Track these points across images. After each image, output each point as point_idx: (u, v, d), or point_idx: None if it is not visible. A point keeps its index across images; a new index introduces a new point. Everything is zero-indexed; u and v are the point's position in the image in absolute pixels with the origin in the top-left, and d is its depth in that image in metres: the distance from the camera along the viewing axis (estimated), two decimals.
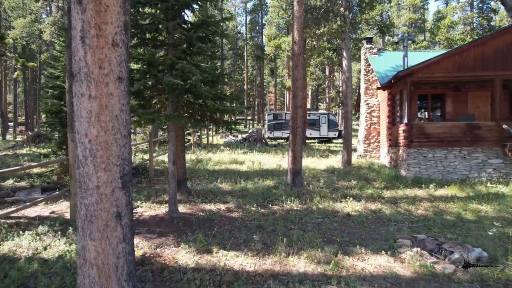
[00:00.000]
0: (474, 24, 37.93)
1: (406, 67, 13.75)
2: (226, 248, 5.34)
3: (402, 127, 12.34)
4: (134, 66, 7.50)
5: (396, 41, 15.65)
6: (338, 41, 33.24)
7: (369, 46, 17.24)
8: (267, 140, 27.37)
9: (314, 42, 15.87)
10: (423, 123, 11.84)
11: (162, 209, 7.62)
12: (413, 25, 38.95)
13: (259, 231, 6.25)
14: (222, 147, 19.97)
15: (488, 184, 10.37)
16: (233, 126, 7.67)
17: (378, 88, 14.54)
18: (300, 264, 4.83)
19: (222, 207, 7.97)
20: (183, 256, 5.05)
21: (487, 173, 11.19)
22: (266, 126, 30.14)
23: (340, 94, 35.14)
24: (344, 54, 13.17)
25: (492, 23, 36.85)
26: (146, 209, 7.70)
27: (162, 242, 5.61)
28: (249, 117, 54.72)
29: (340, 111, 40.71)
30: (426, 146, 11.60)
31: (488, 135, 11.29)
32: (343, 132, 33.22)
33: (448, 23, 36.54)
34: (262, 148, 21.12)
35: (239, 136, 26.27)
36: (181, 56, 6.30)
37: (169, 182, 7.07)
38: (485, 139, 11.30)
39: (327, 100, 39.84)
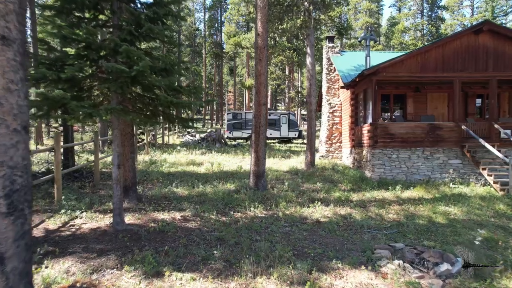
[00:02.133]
0: (424, 31, 39.89)
1: (368, 67, 13.56)
2: (180, 269, 4.41)
3: (366, 127, 12.06)
4: (70, 51, 6.27)
5: (358, 40, 15.50)
6: (298, 41, 33.17)
7: (331, 45, 16.98)
8: (227, 140, 26.45)
9: (277, 38, 15.26)
10: (388, 123, 11.64)
11: (106, 220, 6.48)
12: (369, 28, 40.03)
13: (220, 245, 5.37)
14: (179, 148, 18.74)
15: (451, 185, 10.33)
16: (190, 124, 6.71)
17: (341, 87, 14.24)
18: (270, 286, 4.04)
19: (178, 215, 6.98)
20: (127, 282, 4.06)
21: (448, 174, 11.20)
22: (225, 126, 29.19)
23: (300, 94, 35.16)
24: (308, 50, 12.65)
25: (440, 31, 38.94)
26: (86, 220, 6.51)
27: (101, 264, 4.55)
28: (207, 117, 53.34)
29: (299, 111, 40.80)
30: (391, 146, 11.40)
31: (448, 135, 11.31)
32: (304, 132, 33.23)
33: (401, 28, 38.01)
34: (222, 148, 20.19)
35: (197, 136, 25.09)
36: (126, 38, 5.24)
37: (113, 189, 5.96)
38: (445, 140, 11.32)
39: (287, 100, 39.72)
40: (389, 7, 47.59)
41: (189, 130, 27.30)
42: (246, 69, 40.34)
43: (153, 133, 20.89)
